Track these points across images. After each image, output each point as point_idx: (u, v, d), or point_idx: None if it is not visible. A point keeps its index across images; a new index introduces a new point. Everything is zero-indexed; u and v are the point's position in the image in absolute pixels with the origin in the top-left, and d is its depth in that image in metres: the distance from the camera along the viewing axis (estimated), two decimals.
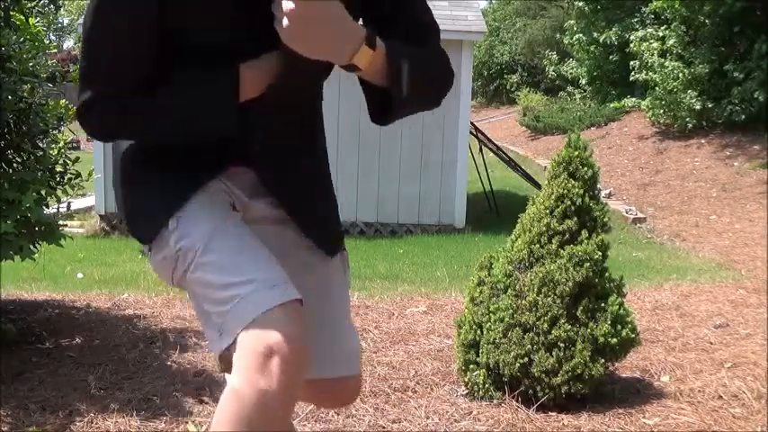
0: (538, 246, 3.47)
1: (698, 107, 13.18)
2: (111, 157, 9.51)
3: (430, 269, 7.92)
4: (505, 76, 29.62)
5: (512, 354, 3.35)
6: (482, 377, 3.45)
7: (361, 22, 1.20)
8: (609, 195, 11.97)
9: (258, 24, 1.11)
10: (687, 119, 13.49)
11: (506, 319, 3.39)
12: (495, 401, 3.36)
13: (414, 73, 1.12)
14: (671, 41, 14.05)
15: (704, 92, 13.36)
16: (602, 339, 3.30)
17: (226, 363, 1.12)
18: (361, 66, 1.09)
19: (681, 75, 13.38)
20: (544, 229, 3.47)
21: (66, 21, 36.48)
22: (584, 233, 3.44)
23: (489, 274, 3.62)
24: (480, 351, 3.49)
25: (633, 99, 16.59)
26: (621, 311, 3.40)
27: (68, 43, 38.84)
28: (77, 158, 4.51)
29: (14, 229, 3.75)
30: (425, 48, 1.21)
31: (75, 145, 13.20)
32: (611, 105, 17.12)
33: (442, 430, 3.07)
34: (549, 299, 3.34)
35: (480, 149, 12.84)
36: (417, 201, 10.75)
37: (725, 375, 3.82)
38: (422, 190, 10.73)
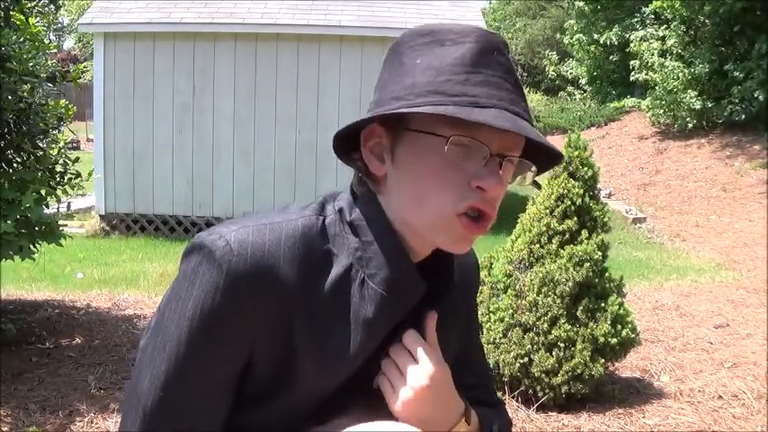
0: (538, 246, 3.47)
1: (698, 107, 13.18)
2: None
3: None
4: None
5: (512, 354, 3.35)
6: None
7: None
8: (609, 195, 11.97)
9: (344, 397, 0.97)
10: (687, 119, 13.48)
11: (506, 319, 3.40)
12: None
13: None
14: (671, 41, 14.05)
15: (704, 92, 13.35)
16: (602, 339, 3.31)
17: None
18: None
19: (681, 75, 13.38)
20: (544, 229, 3.47)
21: (66, 21, 36.44)
22: (585, 233, 3.44)
23: (489, 274, 3.62)
24: None
25: (633, 99, 16.59)
26: (621, 311, 3.40)
27: (68, 43, 38.83)
28: (77, 158, 4.51)
29: (14, 228, 3.74)
30: (501, 412, 1.16)
31: (74, 145, 13.23)
32: (611, 105, 17.12)
33: None
34: (549, 299, 3.34)
35: None
36: None
37: (725, 375, 3.82)
38: None
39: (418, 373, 0.93)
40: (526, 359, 3.32)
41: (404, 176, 0.90)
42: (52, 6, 4.92)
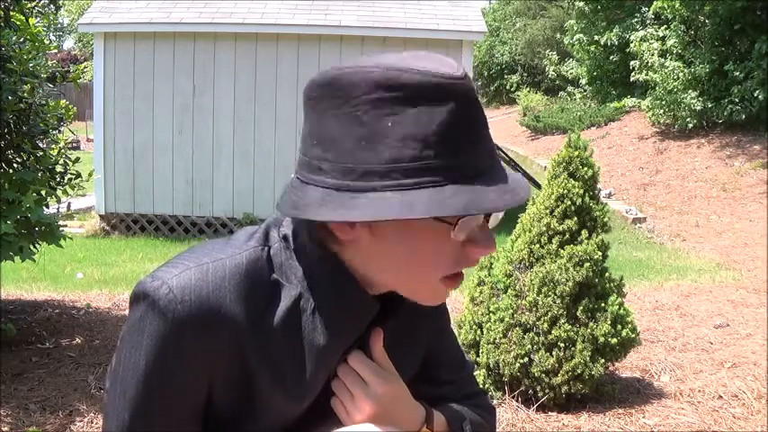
0: (538, 246, 3.47)
1: (698, 107, 13.17)
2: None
3: None
4: (506, 76, 29.64)
5: (512, 354, 3.35)
6: (482, 377, 3.45)
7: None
8: (609, 195, 11.96)
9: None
10: (687, 119, 13.47)
11: (506, 319, 3.39)
12: (495, 401, 3.35)
13: None
14: (671, 41, 14.04)
15: (704, 92, 13.34)
16: (602, 339, 3.31)
17: None
18: None
19: (681, 75, 13.37)
20: (544, 228, 3.47)
21: (66, 21, 36.45)
22: (585, 233, 3.44)
23: (489, 274, 3.62)
24: (480, 351, 3.49)
25: (633, 99, 16.58)
26: (621, 311, 3.40)
27: (68, 43, 38.85)
28: (77, 159, 4.51)
29: (14, 229, 3.74)
30: (480, 403, 1.17)
31: (75, 145, 13.22)
32: (612, 105, 17.10)
33: None
34: (549, 299, 3.34)
35: None
36: None
37: (725, 375, 3.82)
38: None
39: (366, 393, 0.95)
40: (526, 359, 3.32)
41: (389, 248, 0.87)
42: (52, 6, 4.92)
